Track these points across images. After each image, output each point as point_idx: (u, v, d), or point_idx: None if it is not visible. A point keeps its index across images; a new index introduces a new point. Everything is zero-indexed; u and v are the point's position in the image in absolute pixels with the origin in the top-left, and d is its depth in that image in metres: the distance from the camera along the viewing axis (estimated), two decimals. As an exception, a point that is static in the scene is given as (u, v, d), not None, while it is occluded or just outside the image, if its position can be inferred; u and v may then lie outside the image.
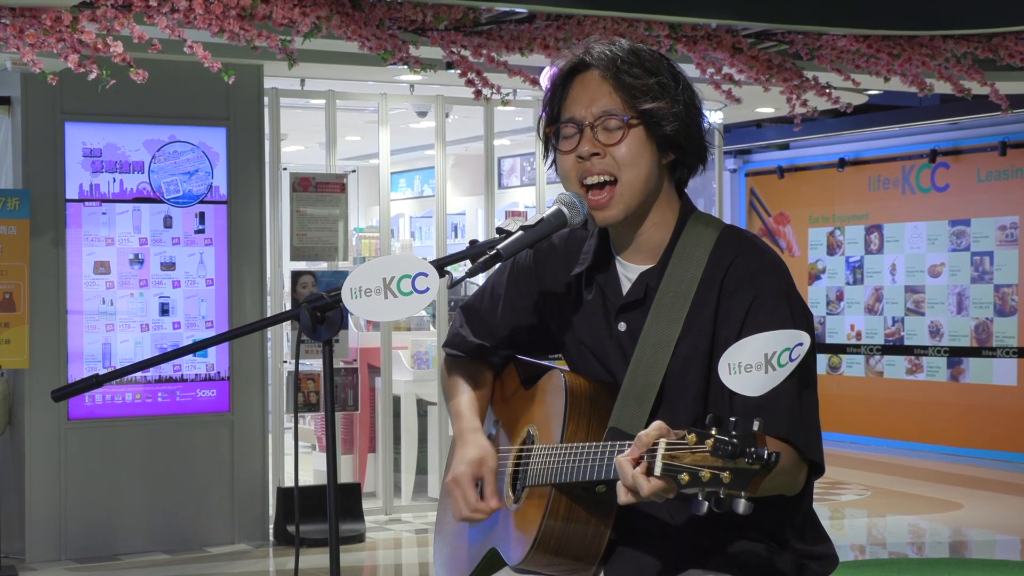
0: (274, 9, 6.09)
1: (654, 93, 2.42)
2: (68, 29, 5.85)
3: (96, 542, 7.42)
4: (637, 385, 2.41)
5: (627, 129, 2.42)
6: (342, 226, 8.08)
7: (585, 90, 2.45)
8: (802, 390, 2.33)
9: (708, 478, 1.98)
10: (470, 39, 6.67)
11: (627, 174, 2.42)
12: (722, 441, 1.97)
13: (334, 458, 2.31)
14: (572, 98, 2.47)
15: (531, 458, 2.49)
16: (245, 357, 7.74)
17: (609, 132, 2.42)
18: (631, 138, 2.42)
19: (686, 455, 2.01)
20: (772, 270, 2.42)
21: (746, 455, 1.96)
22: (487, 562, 2.61)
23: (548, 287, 2.61)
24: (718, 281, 2.41)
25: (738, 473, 1.97)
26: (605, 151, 2.42)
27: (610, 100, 2.43)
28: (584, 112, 2.44)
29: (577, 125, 2.44)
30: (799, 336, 2.14)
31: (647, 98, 2.42)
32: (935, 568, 7.24)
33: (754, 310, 2.36)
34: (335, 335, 2.36)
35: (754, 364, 2.13)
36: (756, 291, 2.38)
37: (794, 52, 7.44)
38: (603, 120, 2.42)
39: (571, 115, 2.46)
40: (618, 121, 2.42)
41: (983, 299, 11.03)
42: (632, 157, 2.42)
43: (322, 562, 7.04)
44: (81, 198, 7.38)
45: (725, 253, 2.43)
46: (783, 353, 2.13)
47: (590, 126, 2.43)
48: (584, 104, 2.44)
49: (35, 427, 7.31)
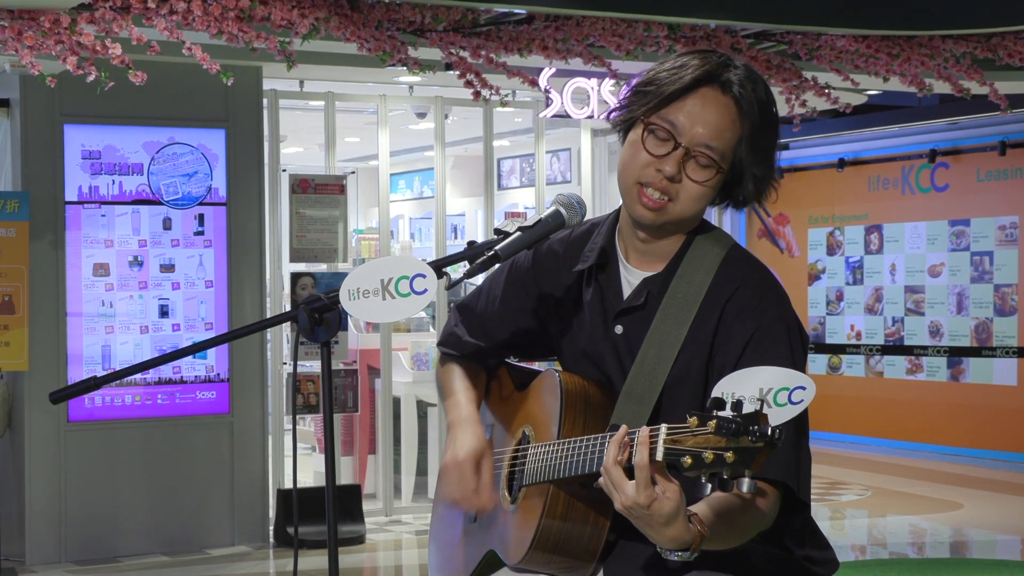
0: (273, 10, 6.08)
1: (759, 156, 2.40)
2: (67, 31, 5.85)
3: (96, 544, 7.43)
4: (640, 385, 2.40)
5: (716, 174, 2.38)
6: (341, 227, 8.08)
7: (704, 109, 2.36)
8: (800, 438, 2.33)
9: (711, 459, 1.98)
10: (469, 40, 6.67)
11: (684, 205, 2.39)
12: (725, 419, 1.98)
13: (333, 460, 2.31)
14: (688, 107, 2.36)
15: (527, 458, 2.49)
16: (245, 359, 7.74)
17: (699, 168, 2.37)
18: (712, 184, 2.39)
19: (688, 438, 2.02)
20: (776, 305, 2.41)
21: (750, 433, 1.97)
22: (485, 564, 2.60)
23: (546, 289, 2.60)
24: (720, 305, 2.39)
25: (742, 452, 1.98)
26: (683, 178, 2.37)
27: (721, 140, 2.36)
28: (691, 130, 2.35)
29: (675, 139, 2.36)
30: (801, 379, 2.14)
31: (750, 159, 2.39)
32: (935, 568, 7.25)
33: (754, 342, 2.35)
34: (333, 336, 2.36)
35: (748, 397, 2.11)
36: (758, 324, 2.37)
37: (793, 52, 7.44)
38: (703, 154, 2.36)
39: (675, 122, 2.36)
40: (713, 164, 2.36)
41: (983, 299, 11.03)
42: (701, 197, 2.39)
43: (323, 564, 7.04)
44: (80, 200, 7.38)
45: (730, 277, 2.41)
46: (781, 392, 2.13)
47: (687, 151, 2.36)
48: (696, 123, 2.36)
49: (35, 429, 7.31)
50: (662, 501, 2.08)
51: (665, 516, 2.09)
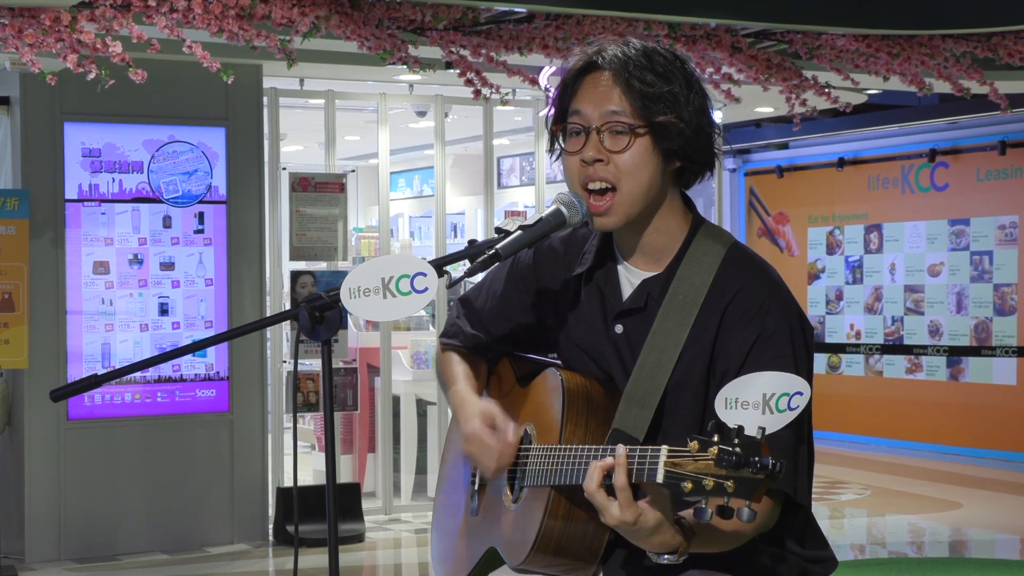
0: (273, 9, 6.09)
1: (665, 103, 2.38)
2: (67, 29, 5.85)
3: (95, 542, 7.44)
4: (641, 388, 2.40)
5: (633, 137, 2.38)
6: (341, 226, 8.09)
7: (595, 90, 2.42)
8: (798, 444, 2.34)
9: (712, 487, 1.98)
10: (469, 39, 6.68)
11: (628, 183, 2.39)
12: (726, 451, 1.97)
13: (333, 458, 2.32)
14: (581, 97, 2.43)
15: (529, 458, 2.48)
16: (244, 357, 7.75)
17: (615, 137, 2.39)
18: (636, 147, 2.39)
19: (688, 462, 2.01)
20: (778, 306, 2.40)
21: (750, 465, 1.96)
22: (486, 560, 2.61)
23: (547, 286, 2.61)
24: (721, 308, 2.39)
25: (742, 483, 1.97)
26: (609, 157, 2.39)
27: (619, 104, 2.39)
28: (592, 112, 2.41)
29: (583, 126, 2.41)
30: (800, 384, 2.13)
31: (657, 108, 2.38)
32: (935, 567, 7.26)
33: (757, 348, 2.35)
34: (334, 335, 2.35)
35: (751, 402, 2.11)
36: (760, 328, 2.36)
37: (793, 52, 7.44)
38: (610, 124, 2.39)
39: (578, 109, 2.43)
40: (624, 127, 2.39)
41: (982, 298, 11.04)
42: (635, 166, 2.39)
43: (322, 562, 7.04)
44: (80, 198, 7.39)
45: (732, 277, 2.41)
46: (782, 398, 2.12)
47: (596, 130, 2.40)
48: (593, 104, 2.41)
49: (34, 427, 7.33)
50: (647, 515, 2.16)
51: (650, 528, 2.17)
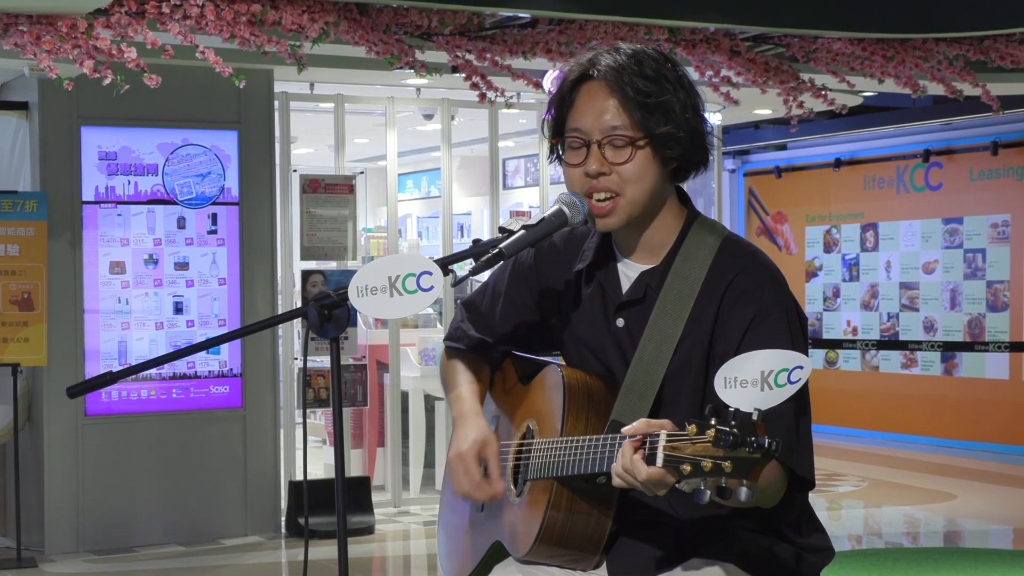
0: (284, 15, 6.08)
1: (662, 112, 2.39)
2: (83, 35, 5.87)
3: (113, 534, 7.49)
4: (639, 380, 2.42)
5: (634, 150, 2.39)
6: (351, 226, 8.11)
7: (592, 102, 2.42)
8: (799, 415, 2.34)
9: (710, 468, 2.00)
10: (474, 43, 6.64)
11: (631, 189, 2.41)
12: (723, 431, 1.99)
13: (342, 452, 2.33)
14: (579, 108, 2.43)
15: (532, 452, 2.50)
16: (257, 354, 7.79)
17: (616, 150, 2.40)
18: (638, 158, 2.40)
19: (687, 445, 2.03)
20: (773, 287, 2.42)
21: (747, 444, 1.98)
22: (491, 554, 2.62)
23: (548, 284, 2.62)
24: (718, 294, 2.41)
25: (739, 462, 1.99)
26: (612, 169, 2.41)
27: (617, 116, 2.40)
28: (591, 125, 2.41)
29: (584, 140, 2.42)
30: (799, 359, 2.14)
31: (655, 119, 2.38)
32: (930, 557, 7.29)
33: (754, 326, 2.36)
34: (342, 332, 2.36)
35: (750, 380, 2.13)
36: (757, 308, 2.38)
37: (790, 55, 7.41)
38: (611, 138, 2.40)
39: (577, 127, 2.43)
40: (625, 140, 2.40)
41: (976, 295, 11.07)
42: (638, 175, 2.41)
43: (333, 553, 7.05)
44: (97, 200, 7.45)
45: (727, 265, 2.43)
46: (781, 373, 2.12)
47: (598, 143, 2.41)
48: (591, 116, 2.41)
49: (53, 423, 7.38)
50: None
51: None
